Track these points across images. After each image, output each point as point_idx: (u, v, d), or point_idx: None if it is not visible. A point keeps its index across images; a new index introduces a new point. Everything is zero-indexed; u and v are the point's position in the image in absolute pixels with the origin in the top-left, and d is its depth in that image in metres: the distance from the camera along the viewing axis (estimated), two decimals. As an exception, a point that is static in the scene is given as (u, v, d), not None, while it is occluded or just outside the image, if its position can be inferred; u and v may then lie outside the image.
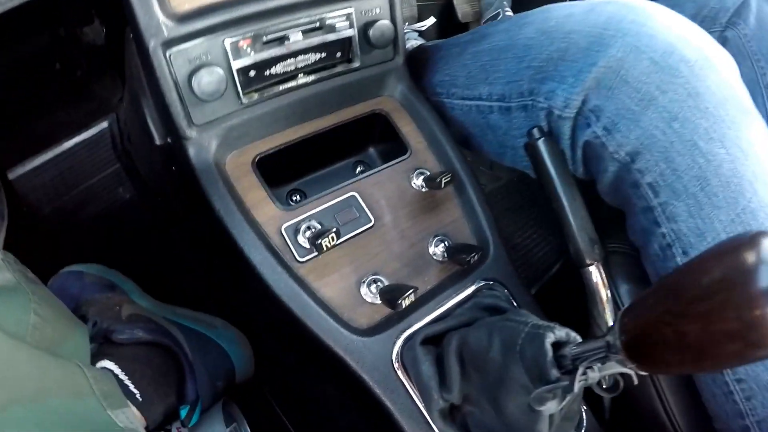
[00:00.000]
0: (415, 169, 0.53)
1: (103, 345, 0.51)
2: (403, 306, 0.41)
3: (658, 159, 0.42)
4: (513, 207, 0.92)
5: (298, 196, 0.55)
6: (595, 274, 0.47)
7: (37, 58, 0.67)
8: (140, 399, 0.47)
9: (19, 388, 0.33)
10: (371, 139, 0.59)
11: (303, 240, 0.44)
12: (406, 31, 0.97)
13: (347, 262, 0.45)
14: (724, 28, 0.61)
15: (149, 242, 0.72)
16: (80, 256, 0.64)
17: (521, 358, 0.34)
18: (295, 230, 0.45)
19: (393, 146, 0.56)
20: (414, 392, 0.43)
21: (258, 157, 0.48)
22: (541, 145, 0.46)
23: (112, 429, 0.35)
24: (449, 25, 1.07)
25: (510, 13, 1.02)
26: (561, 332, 0.34)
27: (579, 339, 0.34)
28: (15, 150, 0.73)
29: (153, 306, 0.61)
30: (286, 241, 0.44)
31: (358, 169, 0.59)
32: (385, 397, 0.42)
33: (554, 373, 0.32)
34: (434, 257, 0.49)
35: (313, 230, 0.44)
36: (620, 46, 0.43)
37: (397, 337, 0.43)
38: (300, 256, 0.44)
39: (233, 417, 0.55)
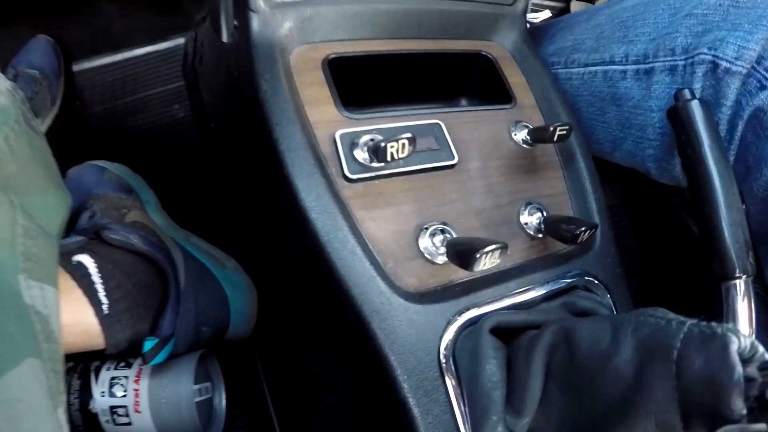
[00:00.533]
0: (518, 122, 0.40)
1: (91, 241, 0.42)
2: (481, 266, 0.27)
3: None
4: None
5: (365, 124, 0.44)
6: (742, 293, 0.32)
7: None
8: (106, 312, 0.37)
9: None
10: (468, 87, 0.48)
11: (361, 154, 0.33)
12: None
13: (410, 198, 0.33)
14: None
15: (187, 165, 0.65)
16: (112, 158, 0.57)
17: (679, 373, 0.19)
18: (353, 142, 0.34)
19: (493, 101, 0.44)
20: (460, 403, 0.29)
21: (333, 56, 0.39)
22: (695, 107, 0.33)
23: (12, 301, 0.24)
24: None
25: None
26: (747, 340, 0.19)
27: None
28: (87, 42, 0.70)
29: (165, 224, 0.52)
30: (337, 150, 0.33)
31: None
32: (414, 400, 0.29)
33: (740, 405, 0.18)
34: (525, 227, 0.35)
35: (377, 141, 0.33)
36: None
37: (456, 316, 0.30)
38: (350, 172, 0.32)
39: (209, 374, 0.43)
